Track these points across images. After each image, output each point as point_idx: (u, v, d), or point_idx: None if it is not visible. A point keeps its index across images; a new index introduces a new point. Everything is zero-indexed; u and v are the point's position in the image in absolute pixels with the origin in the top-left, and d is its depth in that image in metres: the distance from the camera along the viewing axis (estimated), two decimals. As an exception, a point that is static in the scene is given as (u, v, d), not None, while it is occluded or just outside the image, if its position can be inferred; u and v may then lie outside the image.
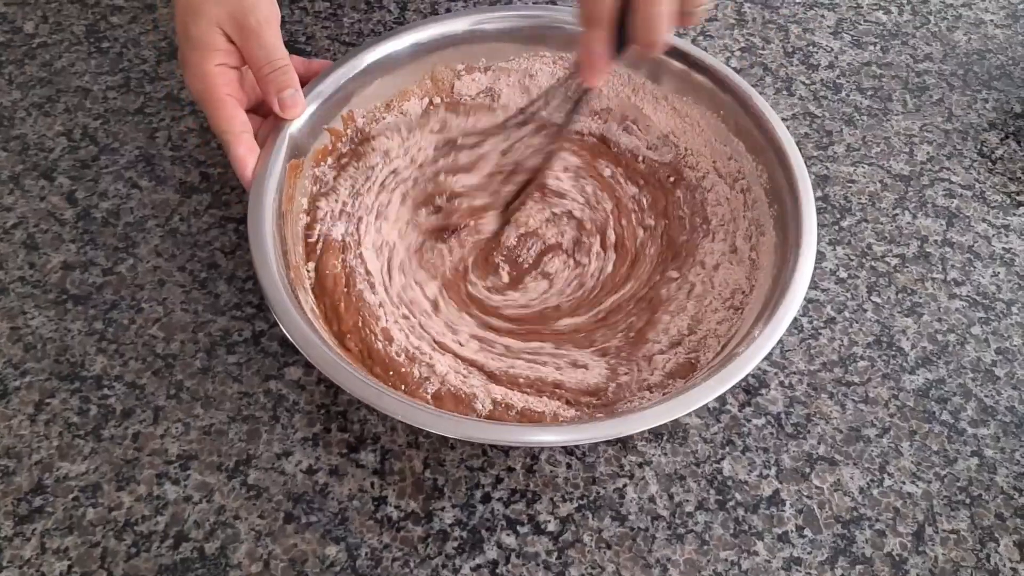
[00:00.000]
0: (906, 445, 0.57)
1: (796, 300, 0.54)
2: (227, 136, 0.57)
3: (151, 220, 0.64)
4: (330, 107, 0.64)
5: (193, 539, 0.51)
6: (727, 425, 0.57)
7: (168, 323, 0.59)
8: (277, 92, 0.58)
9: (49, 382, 0.57)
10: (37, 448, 0.54)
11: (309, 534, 0.52)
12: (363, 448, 0.55)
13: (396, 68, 0.66)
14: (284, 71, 0.58)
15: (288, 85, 0.58)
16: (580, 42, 0.53)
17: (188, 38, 0.57)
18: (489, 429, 0.51)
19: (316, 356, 0.50)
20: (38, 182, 0.66)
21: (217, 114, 0.57)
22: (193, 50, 0.57)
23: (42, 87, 0.71)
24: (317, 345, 0.51)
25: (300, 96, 0.60)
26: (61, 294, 0.60)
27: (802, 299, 0.54)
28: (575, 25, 0.54)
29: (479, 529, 0.52)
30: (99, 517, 0.52)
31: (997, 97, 0.77)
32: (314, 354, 0.50)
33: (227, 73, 0.58)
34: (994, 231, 0.68)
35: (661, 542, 0.52)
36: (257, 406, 0.56)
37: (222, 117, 0.57)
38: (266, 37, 0.57)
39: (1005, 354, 0.61)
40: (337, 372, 0.50)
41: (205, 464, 0.54)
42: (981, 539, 0.54)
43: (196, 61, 0.57)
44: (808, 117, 0.74)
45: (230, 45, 0.58)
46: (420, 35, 0.67)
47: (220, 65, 0.58)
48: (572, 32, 0.64)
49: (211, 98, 0.57)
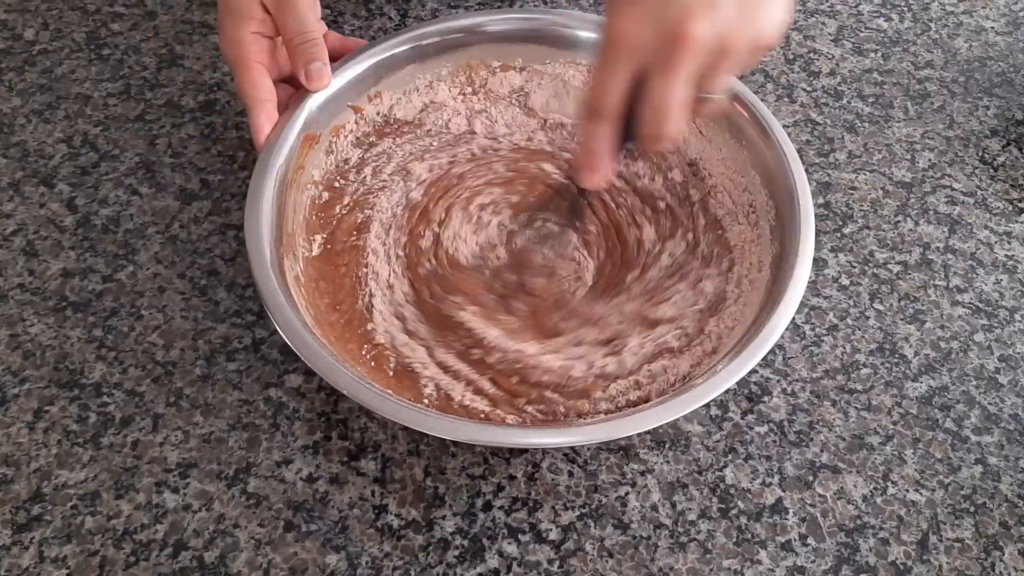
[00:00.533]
0: (909, 453, 0.57)
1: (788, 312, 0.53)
2: (250, 101, 0.58)
3: (151, 227, 0.64)
4: (358, 86, 0.64)
5: (192, 548, 0.51)
6: (729, 433, 0.57)
7: (168, 330, 0.59)
8: (305, 64, 0.59)
9: (48, 389, 0.56)
10: (35, 456, 0.54)
11: (309, 543, 0.51)
12: (364, 456, 0.55)
13: (430, 57, 0.67)
14: (314, 43, 0.59)
15: (316, 58, 0.59)
16: (579, 139, 0.51)
17: (227, 4, 0.59)
18: (485, 431, 0.50)
19: (282, 321, 0.51)
20: (38, 189, 0.66)
21: (245, 78, 0.59)
22: (229, 16, 0.59)
23: (42, 94, 0.71)
24: (292, 322, 0.51)
25: (327, 69, 0.60)
26: (60, 301, 0.60)
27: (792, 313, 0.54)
28: None
29: (480, 538, 0.52)
30: (98, 526, 0.51)
31: (998, 104, 0.77)
32: (280, 318, 0.51)
33: (260, 41, 0.59)
34: (996, 238, 0.68)
35: (663, 551, 0.52)
36: (257, 414, 0.56)
37: (248, 81, 0.59)
38: (301, 9, 0.59)
39: (1008, 361, 0.61)
40: (302, 345, 0.50)
41: (205, 472, 0.54)
42: (986, 548, 0.53)
43: (231, 26, 0.59)
44: (809, 124, 0.74)
45: (266, 15, 0.59)
46: (457, 25, 0.67)
47: (255, 33, 0.59)
48: None
49: (241, 63, 0.59)
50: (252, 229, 0.54)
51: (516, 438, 0.51)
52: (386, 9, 0.79)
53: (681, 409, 0.50)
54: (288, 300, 0.52)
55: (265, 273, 0.53)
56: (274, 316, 0.51)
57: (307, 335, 0.51)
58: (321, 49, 0.60)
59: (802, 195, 0.57)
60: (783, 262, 0.56)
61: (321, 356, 0.50)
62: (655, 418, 0.49)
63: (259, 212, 0.55)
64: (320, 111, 0.62)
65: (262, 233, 0.54)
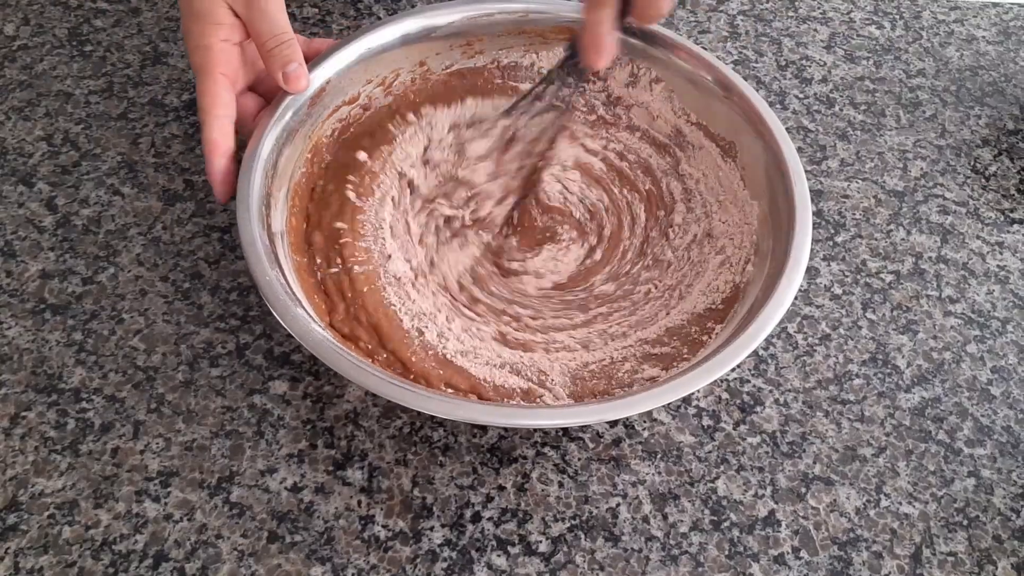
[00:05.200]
0: (902, 465, 0.56)
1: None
2: (206, 116, 0.57)
3: (133, 228, 0.63)
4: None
5: (173, 559, 0.50)
6: (721, 443, 0.56)
7: (149, 335, 0.58)
8: (282, 66, 0.58)
9: (25, 394, 0.55)
10: (12, 463, 0.52)
11: (294, 554, 0.50)
12: (350, 465, 0.53)
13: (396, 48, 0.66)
14: (288, 45, 0.58)
15: (292, 59, 0.58)
16: (584, 23, 0.54)
17: (192, 9, 0.57)
18: (465, 407, 0.50)
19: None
20: (16, 188, 0.64)
21: (206, 90, 0.57)
22: (196, 22, 0.57)
23: (22, 90, 0.70)
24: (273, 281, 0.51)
25: (304, 70, 0.59)
26: (39, 303, 0.59)
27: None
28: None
29: (469, 549, 0.51)
30: (76, 536, 0.50)
31: (990, 114, 0.76)
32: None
33: (229, 50, 0.58)
34: (988, 248, 0.67)
35: (655, 564, 0.51)
36: (241, 421, 0.55)
37: (208, 94, 0.57)
38: (272, 10, 0.57)
39: (1000, 372, 0.61)
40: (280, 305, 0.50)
41: (186, 481, 0.52)
42: (979, 561, 0.53)
43: (198, 33, 0.57)
44: (801, 131, 0.73)
45: (235, 19, 0.57)
46: (436, 19, 0.66)
47: (224, 41, 0.57)
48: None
49: (205, 74, 0.57)
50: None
51: (494, 417, 0.50)
52: (375, 8, 0.78)
53: (658, 400, 0.49)
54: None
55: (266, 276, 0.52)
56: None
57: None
58: (296, 50, 0.58)
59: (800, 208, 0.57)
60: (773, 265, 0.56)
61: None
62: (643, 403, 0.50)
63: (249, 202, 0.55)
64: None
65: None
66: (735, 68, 0.77)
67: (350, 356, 0.49)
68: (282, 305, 0.50)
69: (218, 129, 0.57)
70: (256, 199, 0.55)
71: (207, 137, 0.57)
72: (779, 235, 0.57)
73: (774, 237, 0.58)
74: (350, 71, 0.63)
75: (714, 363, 0.50)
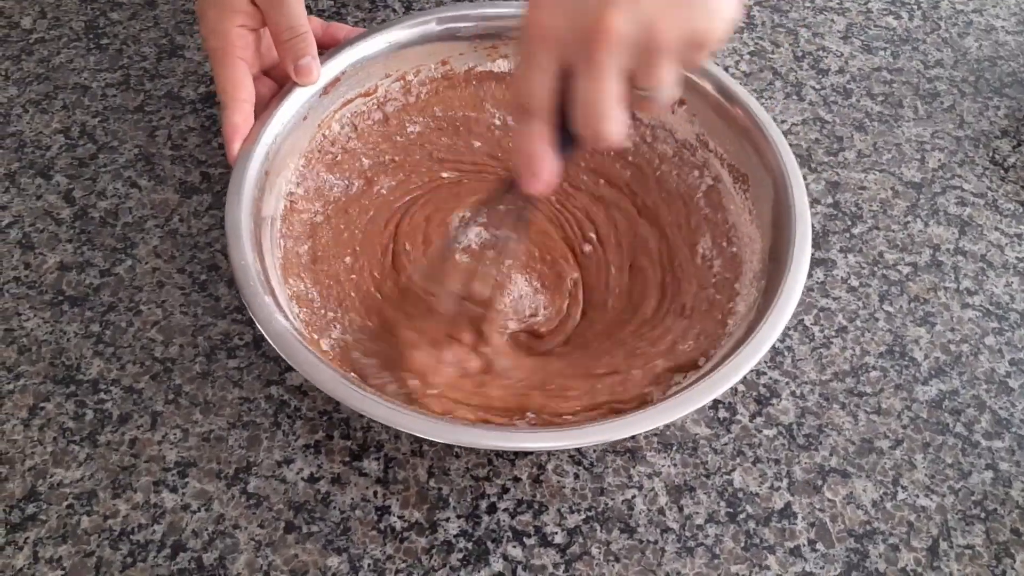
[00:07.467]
0: (919, 457, 0.56)
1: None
2: (228, 100, 0.57)
3: (150, 220, 0.63)
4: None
5: (191, 549, 0.50)
6: (737, 436, 0.56)
7: (167, 326, 0.58)
8: (295, 59, 0.58)
9: (44, 386, 0.55)
10: (31, 454, 0.53)
11: (310, 544, 0.50)
12: (366, 456, 0.54)
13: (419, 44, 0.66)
14: (303, 38, 0.58)
15: (306, 53, 0.59)
16: (513, 140, 0.48)
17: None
18: (476, 434, 0.49)
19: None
20: (34, 180, 0.64)
21: (225, 75, 0.57)
22: (213, 7, 0.57)
23: (39, 83, 0.70)
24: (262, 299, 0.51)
25: (316, 64, 0.59)
26: (57, 295, 0.59)
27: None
28: None
29: (484, 540, 0.51)
30: (94, 525, 0.50)
31: (1009, 104, 0.76)
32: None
33: (246, 36, 0.58)
34: (1007, 240, 0.67)
35: (671, 555, 0.51)
36: (258, 412, 0.55)
37: (229, 79, 0.57)
38: (290, 3, 0.57)
39: (1019, 365, 0.60)
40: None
41: (204, 471, 0.53)
42: (997, 555, 0.53)
43: (215, 18, 0.57)
44: (818, 122, 0.73)
45: (253, 7, 0.58)
46: (451, 13, 0.66)
47: (241, 27, 0.57)
48: None
49: (225, 58, 0.57)
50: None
51: (512, 442, 0.49)
52: (390, 1, 0.78)
53: (671, 415, 0.49)
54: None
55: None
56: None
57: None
58: (310, 44, 0.59)
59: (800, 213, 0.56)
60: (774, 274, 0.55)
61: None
62: (652, 420, 0.49)
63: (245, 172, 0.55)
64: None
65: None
66: (751, 59, 0.76)
67: (307, 348, 0.49)
68: (251, 291, 0.51)
69: (240, 113, 0.57)
70: (250, 183, 0.55)
71: (230, 120, 0.57)
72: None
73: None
74: (368, 63, 0.63)
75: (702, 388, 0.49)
